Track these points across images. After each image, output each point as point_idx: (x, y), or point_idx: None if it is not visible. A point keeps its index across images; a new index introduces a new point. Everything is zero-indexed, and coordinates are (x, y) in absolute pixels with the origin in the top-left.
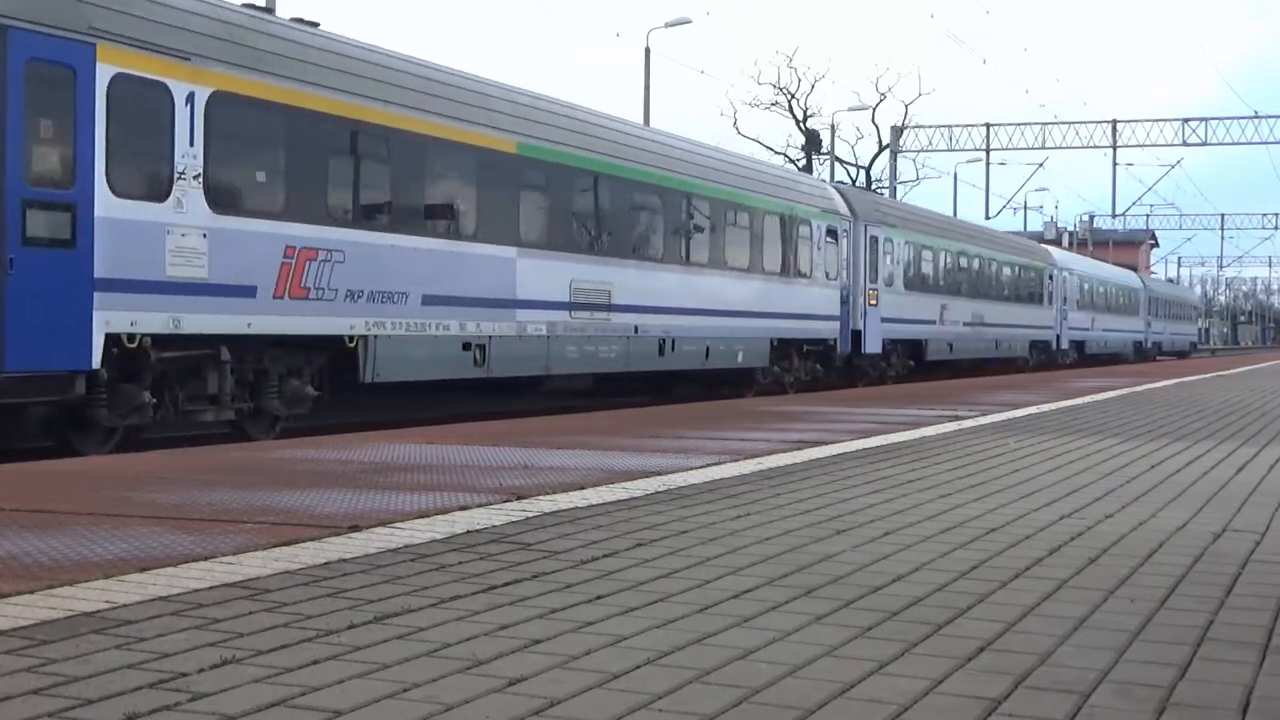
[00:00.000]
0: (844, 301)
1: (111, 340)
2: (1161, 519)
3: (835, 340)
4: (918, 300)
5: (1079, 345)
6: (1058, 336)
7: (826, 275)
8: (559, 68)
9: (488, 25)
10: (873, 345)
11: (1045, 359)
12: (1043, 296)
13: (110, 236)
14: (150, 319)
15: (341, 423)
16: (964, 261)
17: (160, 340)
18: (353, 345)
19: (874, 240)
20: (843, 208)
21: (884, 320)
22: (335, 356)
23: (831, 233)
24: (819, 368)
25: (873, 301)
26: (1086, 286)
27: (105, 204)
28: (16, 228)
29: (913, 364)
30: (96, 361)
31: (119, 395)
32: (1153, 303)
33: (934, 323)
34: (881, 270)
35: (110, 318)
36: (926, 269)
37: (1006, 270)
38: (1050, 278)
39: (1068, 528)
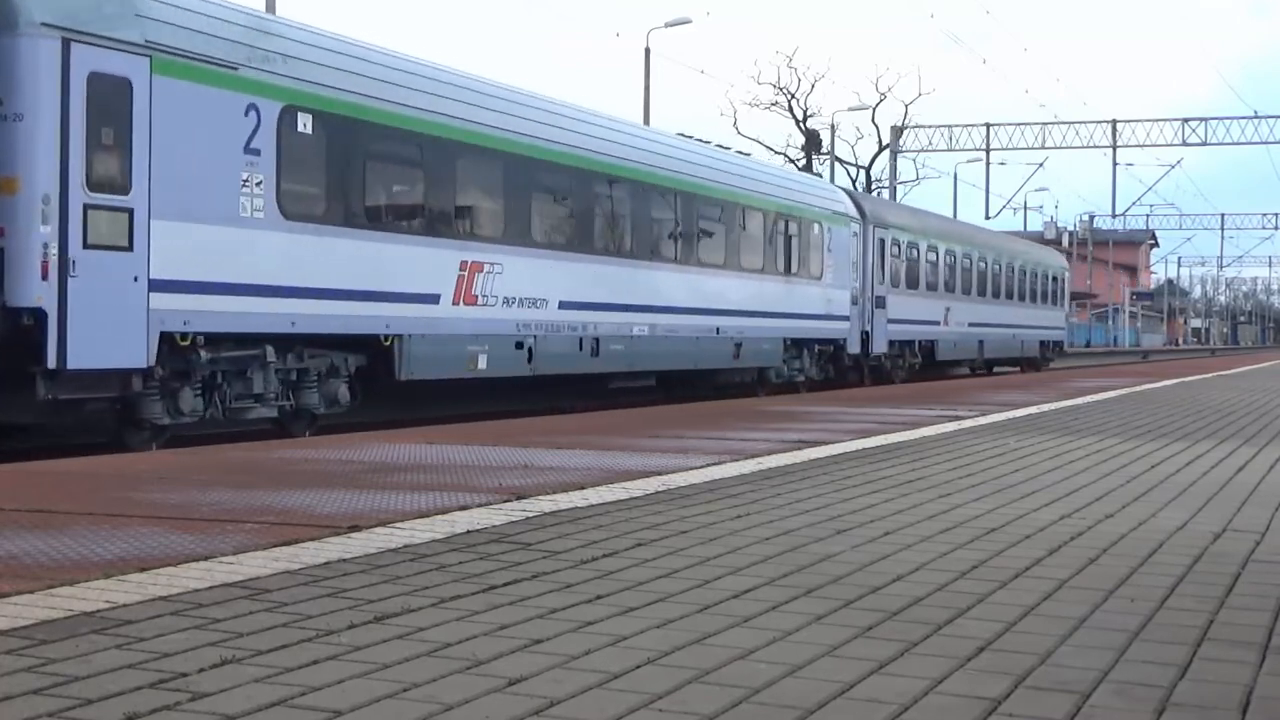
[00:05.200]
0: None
1: None
2: (1161, 519)
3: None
4: None
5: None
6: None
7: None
8: (558, 67)
9: (487, 25)
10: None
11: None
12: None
13: None
14: None
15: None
16: None
17: None
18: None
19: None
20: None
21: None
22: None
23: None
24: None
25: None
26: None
27: None
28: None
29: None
30: None
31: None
32: (900, 255)
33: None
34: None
35: None
36: None
37: None
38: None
39: (1068, 528)
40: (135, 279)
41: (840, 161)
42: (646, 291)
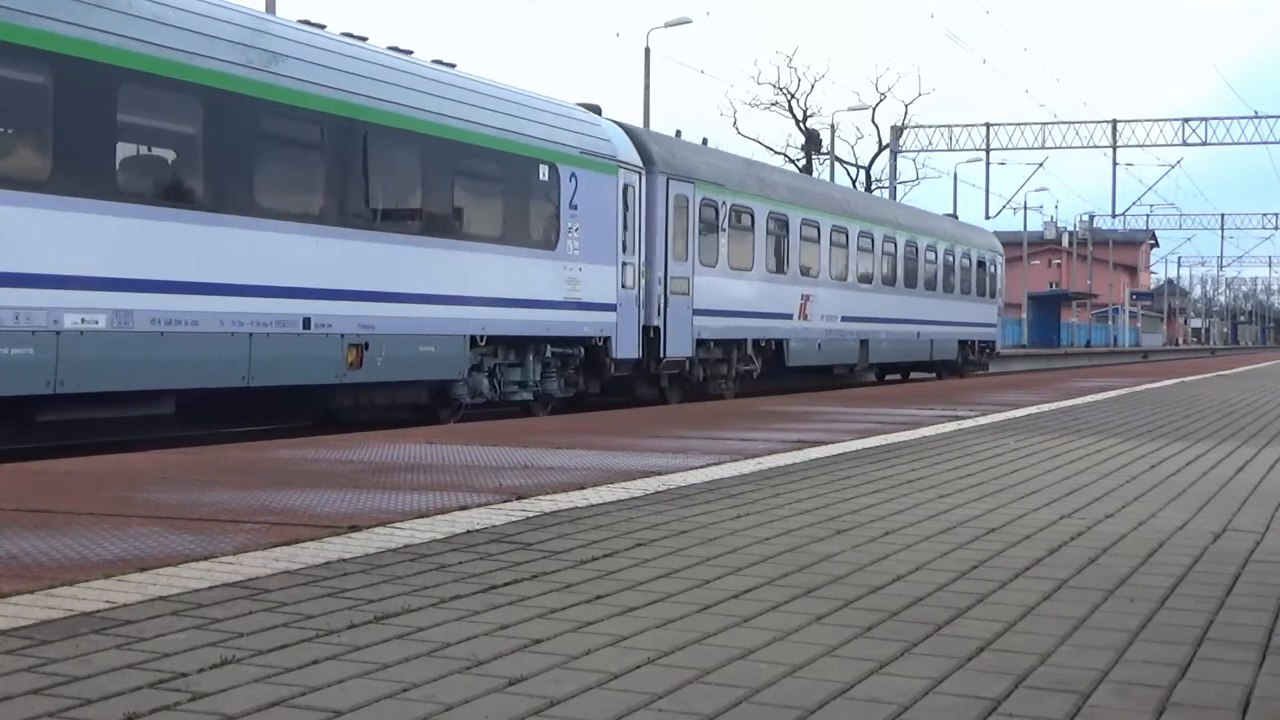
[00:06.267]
0: None
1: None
2: (1161, 519)
3: None
4: None
5: None
6: None
7: None
8: (559, 67)
9: (488, 26)
10: None
11: None
12: None
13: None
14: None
15: None
16: None
17: None
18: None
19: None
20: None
21: None
22: None
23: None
24: None
25: None
26: None
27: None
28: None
29: None
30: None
31: None
32: (719, 221)
33: None
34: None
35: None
36: None
37: None
38: None
39: (1068, 528)
40: None
41: (840, 161)
42: (100, 254)
